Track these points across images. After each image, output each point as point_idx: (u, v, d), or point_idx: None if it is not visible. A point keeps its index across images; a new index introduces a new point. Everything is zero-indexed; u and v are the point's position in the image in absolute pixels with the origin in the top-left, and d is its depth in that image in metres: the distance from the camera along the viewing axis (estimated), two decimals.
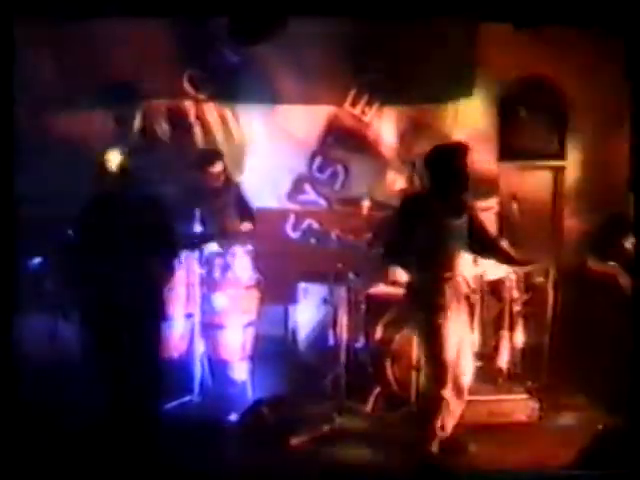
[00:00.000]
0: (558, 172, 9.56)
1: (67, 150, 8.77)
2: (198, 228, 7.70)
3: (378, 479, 6.37)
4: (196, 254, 7.78)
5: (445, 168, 6.49)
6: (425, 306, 6.44)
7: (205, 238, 7.79)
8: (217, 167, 8.48)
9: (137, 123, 9.28)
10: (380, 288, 8.07)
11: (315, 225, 9.54)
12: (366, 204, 8.14)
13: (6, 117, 6.31)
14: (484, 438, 6.93)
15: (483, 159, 8.82)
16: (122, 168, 6.71)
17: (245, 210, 8.69)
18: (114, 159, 6.71)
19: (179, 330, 7.94)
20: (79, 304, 6.88)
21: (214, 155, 8.63)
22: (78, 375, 7.54)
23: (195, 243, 7.62)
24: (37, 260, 8.04)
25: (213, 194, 8.44)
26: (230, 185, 8.68)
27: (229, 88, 9.34)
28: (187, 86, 9.33)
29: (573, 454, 6.44)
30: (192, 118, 9.43)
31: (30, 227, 7.32)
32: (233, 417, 7.44)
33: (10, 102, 6.42)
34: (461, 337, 6.51)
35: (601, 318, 7.83)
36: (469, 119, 9.29)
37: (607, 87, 8.87)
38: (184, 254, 7.58)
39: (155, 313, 6.89)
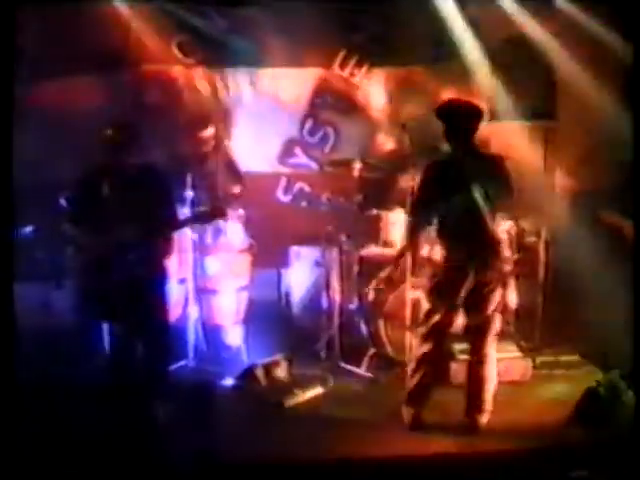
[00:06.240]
0: (549, 131, 9.52)
1: (58, 118, 8.75)
2: (190, 194, 7.61)
3: (372, 440, 6.40)
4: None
5: (456, 121, 6.41)
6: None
7: (208, 214, 7.11)
8: (207, 132, 8.48)
9: (127, 90, 9.24)
10: (372, 249, 8.10)
11: (306, 188, 9.59)
12: (357, 166, 8.13)
13: (5, 86, 6.19)
14: None
15: None
16: (118, 136, 6.57)
17: (234, 174, 8.66)
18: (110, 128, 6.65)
19: (173, 295, 7.96)
20: (74, 273, 6.84)
21: (204, 120, 8.61)
22: (73, 343, 7.60)
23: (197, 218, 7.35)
24: (29, 228, 8.04)
25: (203, 159, 8.44)
26: (219, 149, 8.66)
27: (218, 53, 9.32)
28: (176, 52, 9.30)
29: (566, 413, 6.52)
30: (181, 84, 9.41)
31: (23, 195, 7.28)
32: (228, 381, 7.49)
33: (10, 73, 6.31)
34: None
35: (594, 276, 7.85)
36: (458, 79, 9.25)
37: (596, 44, 8.83)
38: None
39: (154, 280, 6.82)
